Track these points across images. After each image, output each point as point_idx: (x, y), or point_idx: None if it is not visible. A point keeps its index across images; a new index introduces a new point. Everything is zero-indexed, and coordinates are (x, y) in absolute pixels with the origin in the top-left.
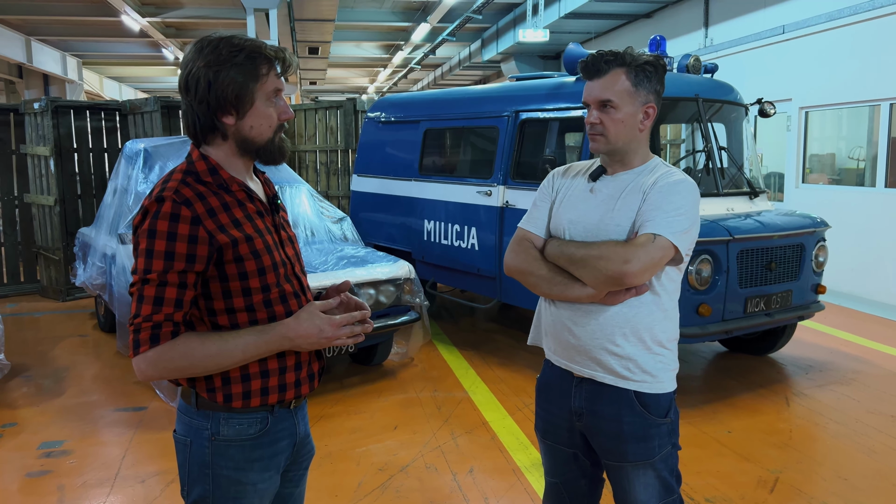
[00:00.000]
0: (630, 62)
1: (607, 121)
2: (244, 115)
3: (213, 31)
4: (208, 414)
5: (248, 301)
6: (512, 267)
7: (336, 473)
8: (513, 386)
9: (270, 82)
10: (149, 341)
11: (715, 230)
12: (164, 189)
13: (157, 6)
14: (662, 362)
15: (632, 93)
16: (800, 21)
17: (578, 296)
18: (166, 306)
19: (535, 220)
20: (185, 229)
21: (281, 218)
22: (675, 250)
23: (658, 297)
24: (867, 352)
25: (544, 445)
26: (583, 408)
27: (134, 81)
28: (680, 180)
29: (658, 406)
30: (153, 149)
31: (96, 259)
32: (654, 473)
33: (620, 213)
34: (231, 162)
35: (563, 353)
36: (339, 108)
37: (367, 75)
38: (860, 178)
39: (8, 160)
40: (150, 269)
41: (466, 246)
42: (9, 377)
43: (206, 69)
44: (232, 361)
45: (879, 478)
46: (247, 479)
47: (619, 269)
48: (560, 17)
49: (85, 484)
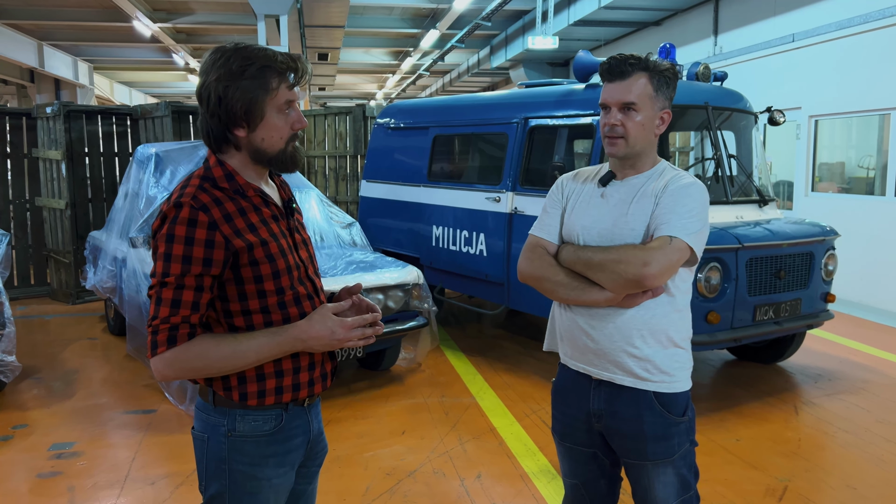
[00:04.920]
0: (653, 67)
1: (629, 123)
2: (255, 127)
3: (229, 40)
4: (225, 411)
5: (263, 303)
6: (527, 274)
7: (344, 478)
8: (520, 392)
9: (281, 95)
10: (166, 343)
11: (724, 238)
12: (182, 195)
13: (168, 12)
14: (679, 361)
15: (652, 97)
16: (810, 29)
17: (596, 300)
18: (183, 309)
19: (546, 226)
20: (202, 234)
21: (296, 221)
22: (691, 251)
23: (673, 297)
24: (876, 361)
25: (563, 448)
26: (602, 409)
27: (144, 86)
28: (690, 183)
29: (676, 405)
30: (164, 153)
31: (107, 262)
32: (674, 471)
33: (634, 217)
34: (246, 169)
35: (581, 356)
36: (348, 114)
37: (375, 81)
38: (870, 187)
39: (20, 164)
40: (168, 272)
41: (475, 252)
42: (19, 379)
43: (216, 83)
44: (246, 362)
45: (888, 487)
46: (262, 475)
47: (638, 272)
48: (569, 24)
49: (95, 485)
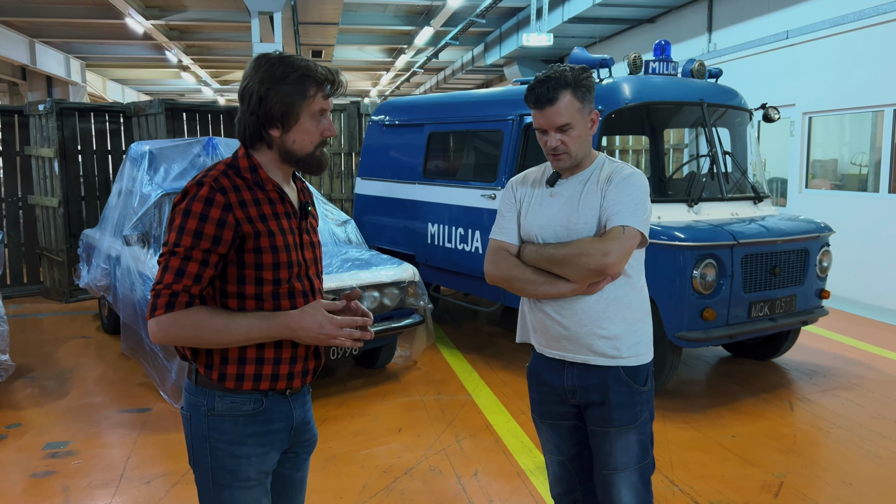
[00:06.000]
0: (573, 81)
1: (569, 141)
2: (289, 129)
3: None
4: (204, 391)
5: (258, 290)
6: (495, 276)
7: (340, 476)
8: (516, 389)
9: (317, 103)
10: (164, 307)
11: (719, 235)
12: (206, 176)
13: (161, 9)
14: (643, 334)
15: (581, 109)
16: (804, 26)
17: (563, 291)
18: (186, 279)
19: (505, 229)
20: (216, 213)
21: (309, 224)
22: (641, 236)
23: (629, 277)
24: (871, 357)
25: (545, 426)
26: (575, 385)
27: (137, 84)
28: (631, 174)
29: (639, 375)
30: (158, 150)
31: (100, 261)
32: (636, 437)
33: (585, 211)
34: (273, 166)
35: (555, 344)
36: (342, 112)
37: (369, 79)
38: (862, 184)
39: (12, 161)
40: (179, 243)
41: (470, 249)
42: (13, 378)
43: (259, 85)
44: (235, 339)
45: (883, 483)
46: (241, 453)
47: (600, 262)
48: (563, 21)
49: (90, 485)
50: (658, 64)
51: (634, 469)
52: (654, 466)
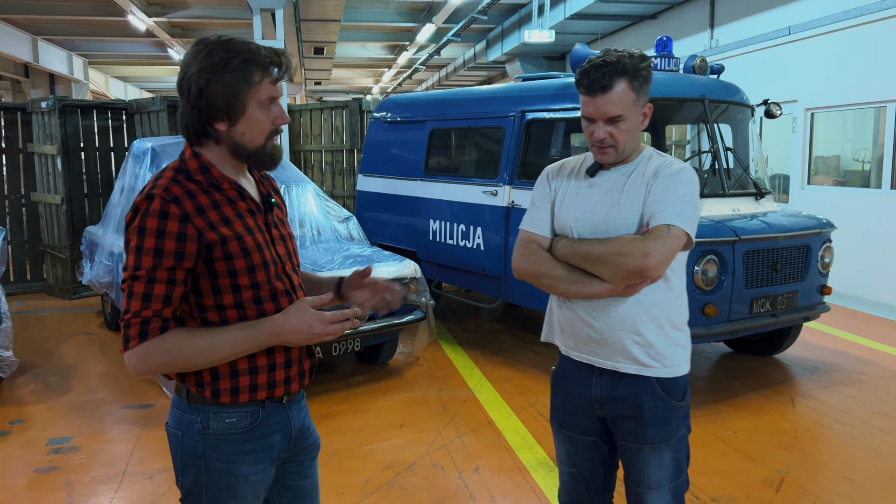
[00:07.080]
0: (632, 70)
1: (618, 134)
2: (236, 122)
3: (214, 33)
4: (198, 408)
5: (237, 298)
6: (524, 270)
7: (343, 471)
8: (518, 385)
9: (264, 90)
10: (137, 336)
11: (721, 231)
12: (155, 187)
13: (163, 6)
14: (680, 344)
15: (635, 101)
16: (806, 22)
17: (597, 292)
18: (155, 302)
19: (537, 220)
20: (173, 227)
21: (275, 216)
22: (687, 237)
23: (668, 281)
24: (872, 353)
25: (562, 436)
26: (604, 396)
27: (139, 81)
28: (680, 169)
29: (676, 390)
30: (161, 147)
31: (103, 257)
32: (671, 455)
33: (626, 206)
34: (223, 163)
35: (584, 347)
36: (344, 108)
37: (371, 76)
38: (865, 180)
39: (15, 159)
40: (139, 265)
41: (472, 246)
42: (16, 374)
43: (198, 75)
44: (221, 356)
45: (885, 478)
46: (238, 472)
47: (640, 263)
48: (565, 17)
49: (93, 480)
50: (660, 60)
51: (668, 488)
52: (688, 485)
